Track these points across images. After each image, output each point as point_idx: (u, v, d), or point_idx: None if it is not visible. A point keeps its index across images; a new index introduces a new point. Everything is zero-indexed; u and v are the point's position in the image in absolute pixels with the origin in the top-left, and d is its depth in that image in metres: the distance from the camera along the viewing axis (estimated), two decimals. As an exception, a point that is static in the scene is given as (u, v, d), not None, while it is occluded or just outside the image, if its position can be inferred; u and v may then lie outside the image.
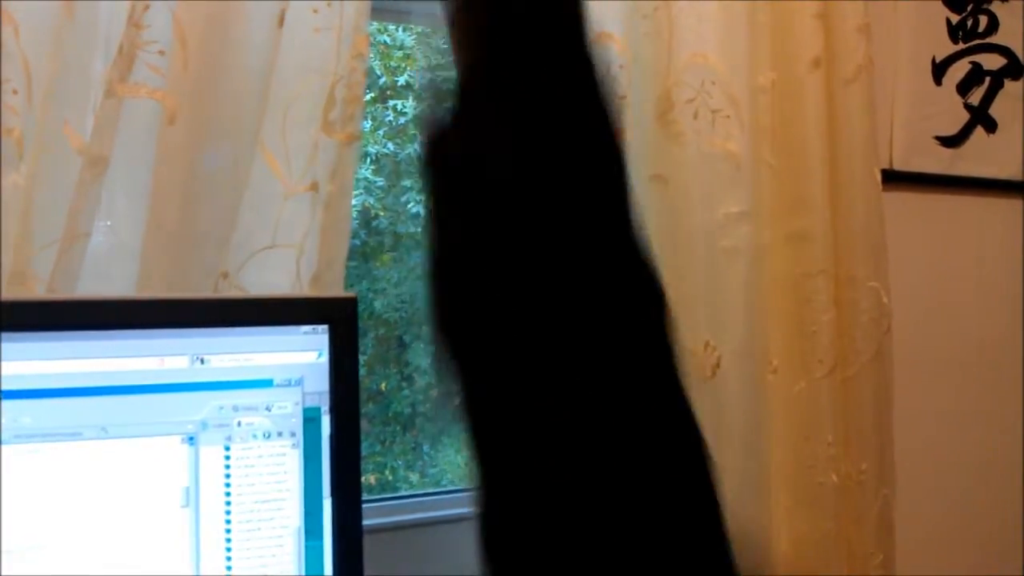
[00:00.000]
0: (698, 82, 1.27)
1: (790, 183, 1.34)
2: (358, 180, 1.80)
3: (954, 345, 1.73)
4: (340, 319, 0.79)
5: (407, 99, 2.36)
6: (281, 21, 1.06)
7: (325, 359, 0.80)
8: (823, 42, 1.34)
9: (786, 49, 1.34)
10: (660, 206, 1.24)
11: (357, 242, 2.17)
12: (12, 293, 0.93)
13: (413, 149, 2.34)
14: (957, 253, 1.74)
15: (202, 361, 0.76)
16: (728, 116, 1.28)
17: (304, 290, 1.08)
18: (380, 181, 2.35)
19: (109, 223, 1.01)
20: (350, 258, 1.15)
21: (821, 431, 1.31)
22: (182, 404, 0.75)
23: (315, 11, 1.12)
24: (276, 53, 1.07)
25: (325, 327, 0.79)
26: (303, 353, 0.79)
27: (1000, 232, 1.79)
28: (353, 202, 1.14)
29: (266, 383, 0.78)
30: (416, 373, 2.25)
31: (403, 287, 2.33)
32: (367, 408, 2.46)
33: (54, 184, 0.98)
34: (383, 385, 2.45)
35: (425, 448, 2.14)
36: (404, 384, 2.40)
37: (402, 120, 2.39)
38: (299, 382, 0.79)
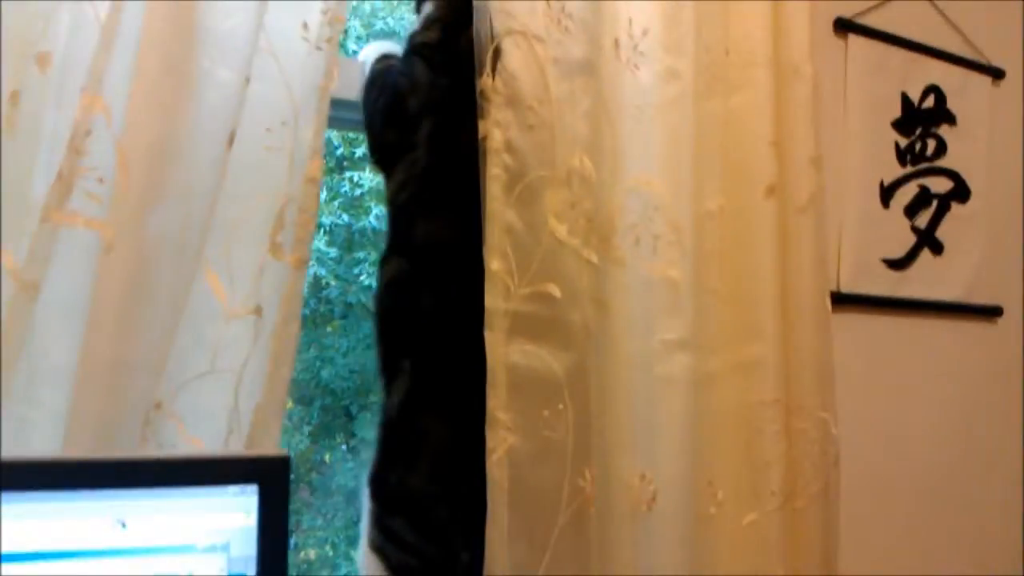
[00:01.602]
0: (641, 207, 1.27)
1: (740, 310, 1.33)
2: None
3: (901, 467, 1.74)
4: (271, 479, 0.76)
5: (363, 170, 2.35)
6: (231, 141, 1.04)
7: (253, 521, 0.76)
8: (777, 170, 1.36)
9: (738, 175, 1.35)
10: (599, 331, 1.22)
11: (307, 311, 2.14)
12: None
13: (368, 221, 2.32)
14: (903, 374, 1.75)
15: (123, 525, 0.72)
16: (670, 242, 1.28)
17: (241, 421, 1.04)
18: (332, 252, 2.33)
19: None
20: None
21: (771, 566, 1.29)
22: (102, 571, 0.71)
23: (268, 130, 1.10)
24: (224, 173, 1.04)
25: (255, 487, 0.76)
26: (230, 515, 0.75)
27: (946, 353, 1.81)
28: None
29: (189, 548, 0.74)
30: (362, 444, 2.21)
31: (352, 356, 2.29)
32: (311, 478, 2.39)
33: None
34: (327, 456, 2.39)
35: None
36: (349, 456, 2.34)
37: (358, 191, 2.38)
38: (225, 547, 0.75)
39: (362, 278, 2.22)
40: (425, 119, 1.17)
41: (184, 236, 1.01)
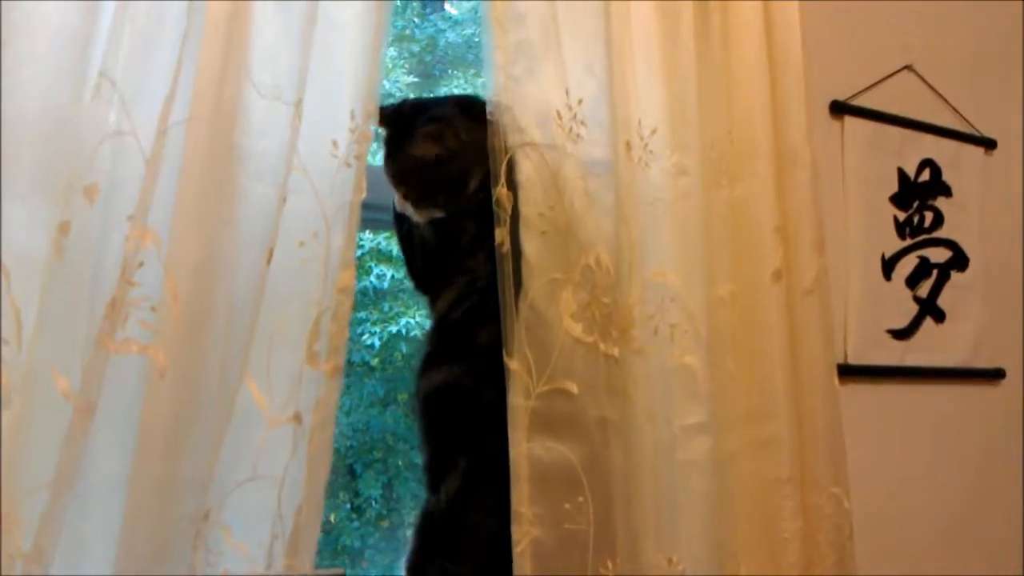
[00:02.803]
0: (658, 299, 1.32)
1: (753, 390, 1.39)
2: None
3: (911, 529, 1.78)
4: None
5: (363, 231, 2.41)
6: (269, 259, 1.10)
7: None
8: (782, 255, 1.42)
9: (746, 261, 1.41)
10: (622, 421, 1.27)
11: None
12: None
13: (369, 281, 2.38)
14: (910, 438, 1.80)
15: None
16: (685, 331, 1.33)
17: (284, 525, 1.08)
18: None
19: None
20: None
21: (792, 639, 1.33)
22: None
23: (302, 243, 1.15)
24: (263, 288, 1.10)
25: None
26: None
27: (951, 416, 1.86)
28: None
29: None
30: (366, 504, 2.22)
31: (355, 415, 2.32)
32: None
33: (40, 429, 0.98)
34: (332, 517, 2.41)
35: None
36: (354, 515, 2.36)
37: (358, 252, 2.44)
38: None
39: (364, 337, 2.27)
40: (480, 251, 1.24)
41: (229, 351, 1.06)
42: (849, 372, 1.67)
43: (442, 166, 1.27)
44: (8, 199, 0.98)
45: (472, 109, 1.27)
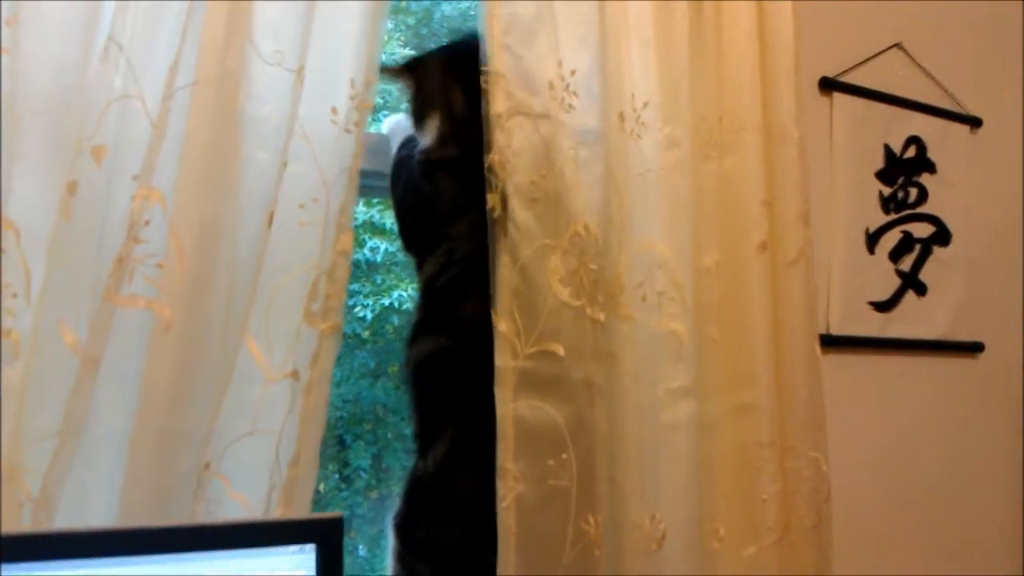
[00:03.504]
0: (646, 267, 1.37)
1: (736, 357, 1.43)
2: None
3: (892, 496, 1.83)
4: (327, 538, 0.85)
5: (357, 205, 2.43)
6: (270, 222, 1.14)
7: (315, 571, 0.85)
8: (768, 227, 1.46)
9: (733, 232, 1.45)
10: (609, 383, 1.32)
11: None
12: (7, 489, 0.97)
13: (362, 254, 2.41)
14: (891, 408, 1.85)
15: (209, 581, 0.81)
16: (672, 298, 1.37)
17: (282, 477, 1.13)
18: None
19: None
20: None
21: (769, 596, 1.39)
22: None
23: (301, 206, 1.19)
24: (264, 250, 1.14)
25: (312, 546, 0.85)
26: (291, 573, 0.85)
27: (931, 388, 1.91)
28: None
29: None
30: (355, 474, 2.26)
31: (345, 386, 2.37)
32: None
33: (47, 381, 1.02)
34: (321, 486, 2.46)
35: (361, 551, 2.14)
36: (343, 485, 2.41)
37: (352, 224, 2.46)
38: (290, 598, 0.84)
39: (356, 309, 2.30)
40: (460, 218, 1.27)
41: (230, 308, 1.11)
42: (831, 342, 1.72)
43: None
44: (19, 160, 1.02)
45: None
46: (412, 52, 1.65)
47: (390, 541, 1.30)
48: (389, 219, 1.71)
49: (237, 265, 1.11)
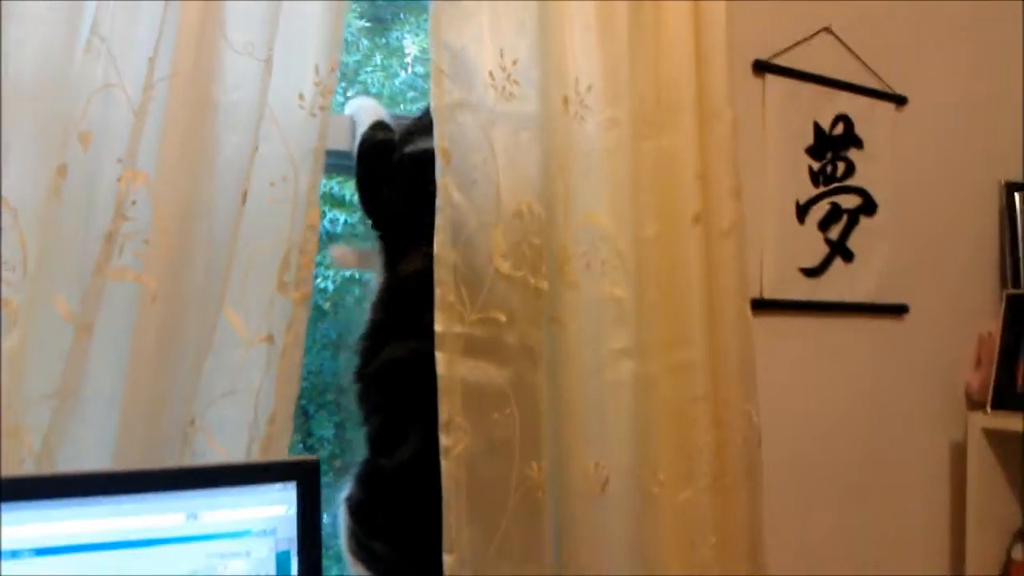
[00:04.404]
0: (590, 239, 1.49)
1: (674, 320, 1.57)
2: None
3: (821, 453, 1.99)
4: (305, 478, 0.97)
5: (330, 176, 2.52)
6: (244, 199, 1.25)
7: (293, 511, 0.97)
8: (702, 201, 1.59)
9: (671, 206, 1.58)
10: (557, 345, 1.44)
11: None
12: (8, 445, 1.08)
13: (322, 227, 2.49)
14: (821, 368, 2.00)
15: (195, 516, 0.93)
16: (615, 266, 1.50)
17: (260, 432, 1.24)
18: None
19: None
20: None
21: (704, 535, 1.53)
22: (178, 553, 0.92)
23: (272, 184, 1.30)
24: (239, 225, 1.25)
25: (293, 484, 0.97)
26: (275, 507, 0.97)
27: (859, 348, 2.07)
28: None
29: (245, 533, 0.95)
30: (319, 444, 2.35)
31: (308, 358, 2.46)
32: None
33: (44, 347, 1.13)
34: None
35: (325, 518, 2.22)
36: (307, 455, 2.48)
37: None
38: (272, 531, 0.96)
39: (317, 281, 2.38)
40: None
41: (210, 280, 1.22)
42: (764, 306, 1.86)
43: None
44: (13, 146, 1.11)
45: None
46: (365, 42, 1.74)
47: (342, 518, 1.41)
48: (349, 191, 1.78)
49: (214, 239, 1.22)
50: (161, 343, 1.17)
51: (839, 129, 2.01)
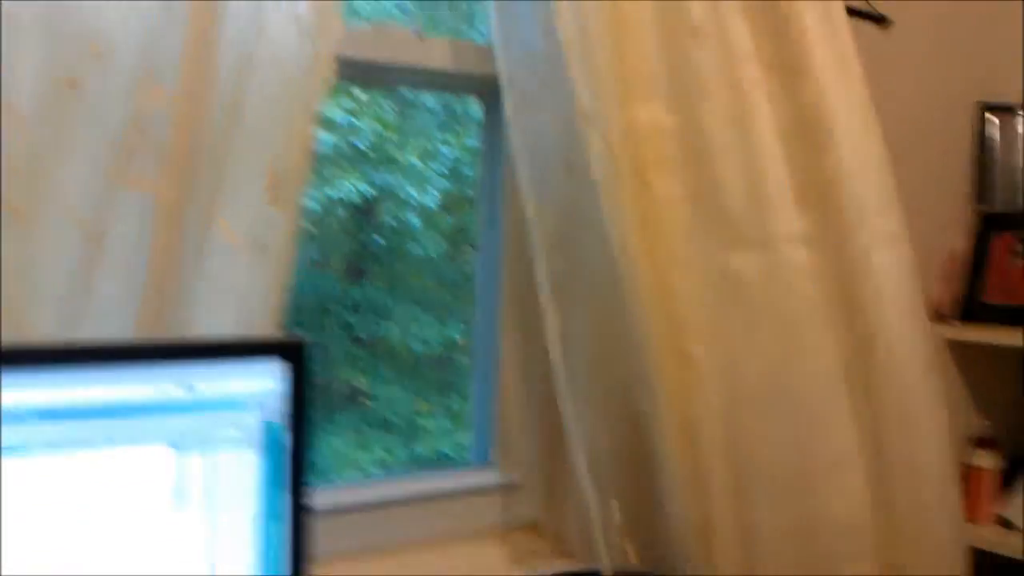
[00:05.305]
0: None
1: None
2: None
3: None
4: (294, 353, 1.08)
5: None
6: (239, 115, 1.33)
7: (282, 385, 1.08)
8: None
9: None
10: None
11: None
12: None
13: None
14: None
15: (191, 388, 1.03)
16: None
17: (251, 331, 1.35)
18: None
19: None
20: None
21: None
22: (173, 422, 1.03)
23: (267, 100, 1.38)
24: (235, 139, 1.34)
25: (282, 360, 1.07)
26: (265, 380, 1.07)
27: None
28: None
29: (237, 404, 1.06)
30: None
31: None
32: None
33: (53, 252, 1.21)
34: None
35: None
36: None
37: None
38: (262, 403, 1.07)
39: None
40: None
41: (208, 193, 1.31)
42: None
43: None
44: (22, 55, 1.16)
45: None
46: None
47: None
48: (338, 112, 1.84)
49: (214, 153, 1.31)
50: (168, 250, 1.27)
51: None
